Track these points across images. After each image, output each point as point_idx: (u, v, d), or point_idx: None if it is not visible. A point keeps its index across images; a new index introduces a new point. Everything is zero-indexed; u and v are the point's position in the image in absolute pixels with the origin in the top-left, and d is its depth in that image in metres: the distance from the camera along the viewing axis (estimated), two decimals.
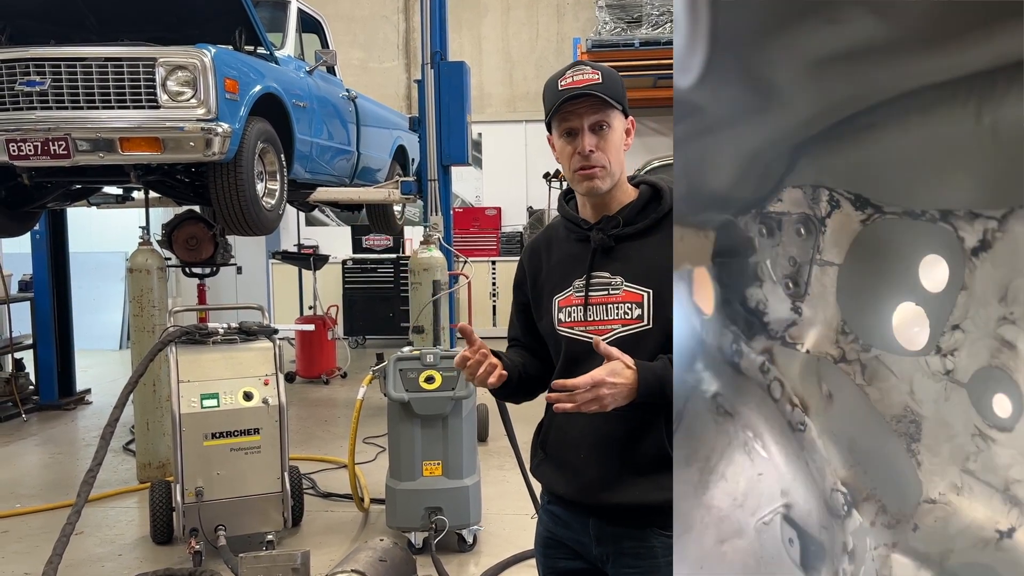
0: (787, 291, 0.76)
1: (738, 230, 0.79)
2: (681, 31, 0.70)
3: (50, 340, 7.23)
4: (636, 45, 8.82)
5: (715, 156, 0.80)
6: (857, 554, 0.66)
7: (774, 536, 0.77)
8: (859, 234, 0.68)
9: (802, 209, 0.72)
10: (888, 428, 0.63)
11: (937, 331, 0.59)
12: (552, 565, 1.89)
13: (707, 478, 0.92)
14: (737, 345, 0.84)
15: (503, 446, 4.59)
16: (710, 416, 0.91)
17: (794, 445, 0.74)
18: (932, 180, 0.59)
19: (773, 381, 0.80)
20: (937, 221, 0.59)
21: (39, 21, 5.04)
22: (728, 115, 0.75)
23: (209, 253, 5.28)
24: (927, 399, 0.61)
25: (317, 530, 4.39)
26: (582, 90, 1.67)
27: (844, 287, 0.69)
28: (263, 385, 3.93)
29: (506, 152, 11.40)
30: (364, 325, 10.37)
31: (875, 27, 0.59)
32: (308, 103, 5.62)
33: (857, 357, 0.68)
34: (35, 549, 4.11)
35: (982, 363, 0.56)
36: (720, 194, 0.82)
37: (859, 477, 0.67)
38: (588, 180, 1.72)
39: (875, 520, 0.65)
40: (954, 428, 0.58)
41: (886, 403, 0.64)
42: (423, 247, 5.81)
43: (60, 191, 5.45)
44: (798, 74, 0.66)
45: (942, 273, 0.59)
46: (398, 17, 11.71)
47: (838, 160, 0.67)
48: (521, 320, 1.94)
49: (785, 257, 0.75)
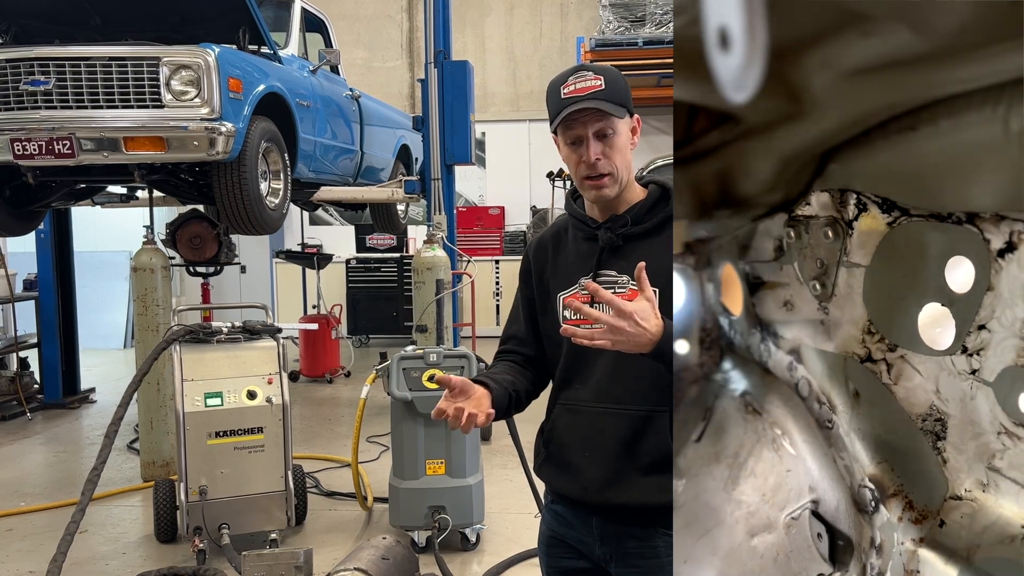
0: (814, 292, 0.77)
1: (769, 233, 0.81)
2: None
3: (54, 339, 7.25)
4: (640, 44, 8.81)
5: (748, 162, 0.81)
6: (884, 549, 0.67)
7: (803, 531, 0.78)
8: (886, 236, 0.69)
9: (830, 212, 0.74)
10: (914, 426, 0.65)
11: (963, 331, 0.60)
12: (556, 564, 1.89)
13: (737, 473, 0.94)
14: (765, 345, 0.86)
15: (506, 445, 4.59)
16: (739, 414, 0.93)
17: (821, 442, 0.76)
18: (959, 183, 0.60)
19: (801, 380, 0.82)
20: (963, 223, 0.60)
21: (44, 21, 5.05)
22: (763, 123, 0.77)
23: (213, 252, 5.29)
24: (953, 398, 0.62)
25: (320, 529, 4.40)
26: (586, 99, 1.66)
27: (871, 288, 0.71)
28: (267, 384, 3.94)
29: (510, 151, 11.40)
30: (367, 324, 10.38)
31: (907, 39, 0.60)
32: (312, 102, 5.63)
33: (883, 357, 0.69)
34: (39, 547, 4.13)
35: (1008, 362, 0.56)
36: (752, 197, 0.84)
37: (886, 474, 0.69)
38: (596, 189, 1.72)
39: (902, 516, 0.67)
40: (980, 426, 0.60)
41: (912, 401, 0.66)
42: (427, 246, 5.81)
43: (64, 190, 5.46)
44: (833, 84, 0.68)
45: (968, 274, 0.60)
46: (402, 16, 11.71)
47: (867, 164, 0.68)
48: (525, 311, 1.93)
49: (813, 259, 0.77)
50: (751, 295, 0.89)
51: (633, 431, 1.71)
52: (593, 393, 1.76)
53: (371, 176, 7.10)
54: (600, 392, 1.75)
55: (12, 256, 8.32)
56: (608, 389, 1.74)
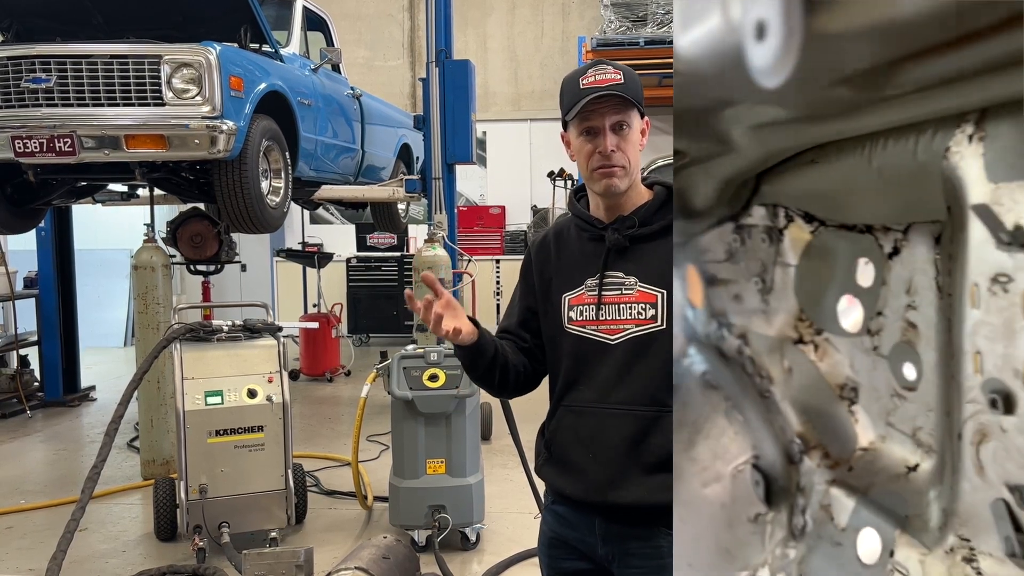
0: (757, 287, 0.97)
1: (721, 238, 1.03)
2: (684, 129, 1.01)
3: (55, 337, 7.25)
4: (641, 44, 8.80)
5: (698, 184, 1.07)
6: (807, 490, 0.88)
7: (745, 480, 0.98)
8: (809, 242, 0.89)
9: (766, 222, 0.95)
10: (834, 393, 0.84)
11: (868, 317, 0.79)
12: (557, 566, 1.87)
13: (695, 438, 1.11)
14: (720, 331, 1.05)
15: (506, 444, 4.59)
16: (699, 390, 1.11)
17: (762, 409, 0.96)
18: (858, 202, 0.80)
19: (747, 359, 1.00)
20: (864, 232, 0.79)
21: (46, 19, 5.05)
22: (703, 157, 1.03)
23: (213, 251, 5.29)
24: (862, 370, 0.80)
25: (320, 527, 4.40)
26: (606, 90, 1.67)
27: (800, 283, 0.91)
28: (267, 383, 3.94)
29: (511, 151, 11.39)
30: (368, 323, 10.38)
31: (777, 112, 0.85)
32: (313, 101, 5.63)
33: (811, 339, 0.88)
34: (39, 545, 4.13)
35: (896, 340, 0.75)
36: (705, 210, 1.07)
37: (810, 431, 0.89)
38: (607, 178, 1.72)
39: (821, 463, 0.87)
40: (880, 391, 0.78)
41: (832, 374, 0.84)
42: (427, 245, 5.80)
43: (65, 188, 5.45)
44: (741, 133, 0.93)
45: (870, 272, 0.79)
46: (403, 15, 11.70)
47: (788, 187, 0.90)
48: (521, 306, 1.91)
49: (756, 260, 0.97)
50: (708, 290, 1.09)
51: (639, 431, 1.71)
52: (599, 394, 1.75)
53: (372, 175, 7.10)
54: (607, 393, 1.74)
55: (13, 254, 8.32)
56: (614, 390, 1.73)
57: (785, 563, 0.89)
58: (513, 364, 1.85)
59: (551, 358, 1.86)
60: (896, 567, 0.71)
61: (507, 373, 1.84)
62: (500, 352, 1.82)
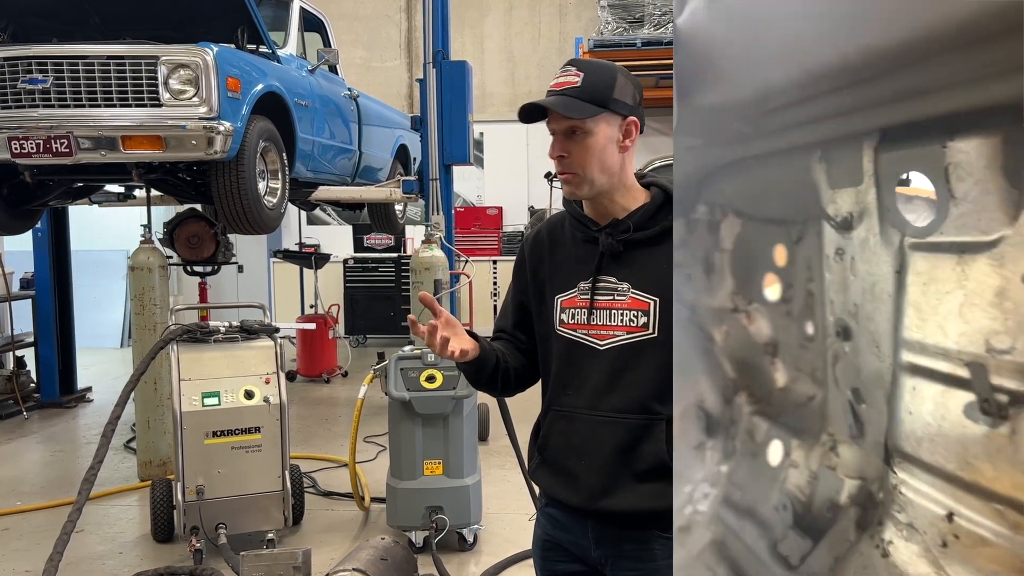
0: (704, 268, 1.18)
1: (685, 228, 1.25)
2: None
3: (51, 338, 7.24)
4: (638, 45, 8.81)
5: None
6: (735, 422, 1.10)
7: (692, 419, 1.22)
8: (739, 231, 1.09)
9: (709, 216, 1.17)
10: (760, 350, 1.04)
11: (785, 289, 0.99)
12: (551, 568, 1.87)
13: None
14: (677, 306, 1.30)
15: (504, 445, 4.59)
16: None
17: (710, 363, 1.18)
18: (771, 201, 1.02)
19: (696, 325, 1.24)
20: (779, 224, 1.00)
21: (42, 19, 5.05)
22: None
23: (211, 251, 5.28)
24: (781, 330, 1.00)
25: (318, 529, 4.40)
26: (558, 94, 1.65)
27: (735, 264, 1.11)
28: (264, 384, 3.93)
29: (508, 152, 11.39)
30: (365, 324, 10.37)
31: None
32: (310, 102, 5.62)
33: (745, 308, 1.08)
34: (36, 547, 4.12)
35: (801, 307, 0.96)
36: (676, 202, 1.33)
37: (742, 378, 1.10)
38: (565, 184, 1.72)
39: (747, 401, 1.08)
40: (792, 345, 0.98)
41: (759, 335, 1.05)
42: (424, 246, 5.80)
43: (62, 189, 5.45)
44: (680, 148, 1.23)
45: (783, 255, 0.99)
46: (400, 16, 11.71)
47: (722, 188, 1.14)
48: (515, 306, 1.91)
49: (703, 246, 1.18)
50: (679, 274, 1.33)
51: (630, 439, 1.69)
52: (589, 400, 1.73)
53: (369, 176, 7.10)
54: (596, 400, 1.72)
55: (9, 255, 8.32)
56: (605, 397, 1.72)
57: (718, 477, 1.14)
58: (514, 367, 1.86)
59: (543, 358, 1.85)
60: (791, 463, 0.97)
61: (508, 378, 1.86)
62: (501, 360, 1.83)
